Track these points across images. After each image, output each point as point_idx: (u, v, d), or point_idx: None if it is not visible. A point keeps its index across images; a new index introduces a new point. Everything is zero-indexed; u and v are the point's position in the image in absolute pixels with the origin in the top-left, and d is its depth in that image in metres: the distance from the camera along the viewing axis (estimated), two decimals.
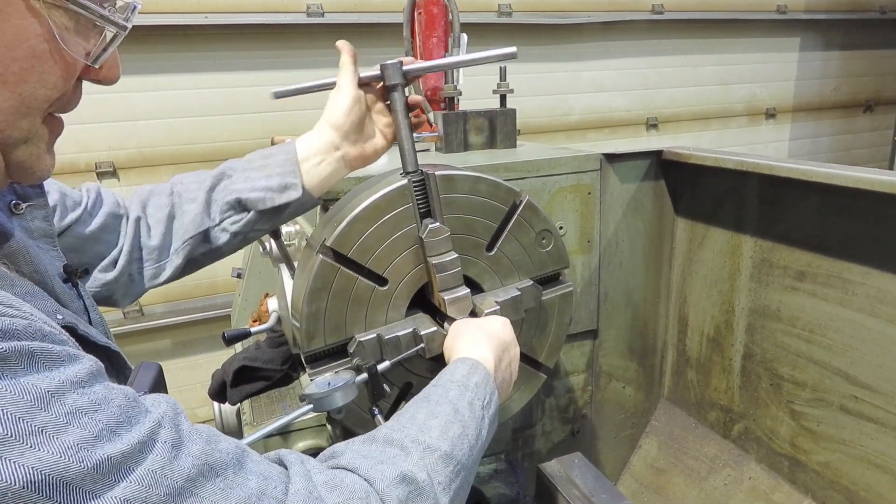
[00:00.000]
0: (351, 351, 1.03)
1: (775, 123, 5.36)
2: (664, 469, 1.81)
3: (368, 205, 1.02)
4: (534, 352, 1.23)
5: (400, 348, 1.03)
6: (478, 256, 1.13)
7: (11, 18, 0.57)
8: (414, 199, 1.04)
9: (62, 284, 0.77)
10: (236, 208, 1.05)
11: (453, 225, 1.06)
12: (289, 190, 1.03)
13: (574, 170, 1.55)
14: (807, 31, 5.21)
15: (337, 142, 1.06)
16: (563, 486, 1.30)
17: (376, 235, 1.03)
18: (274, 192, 1.03)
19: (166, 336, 3.65)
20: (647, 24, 4.54)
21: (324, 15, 3.54)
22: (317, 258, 1.00)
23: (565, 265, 1.23)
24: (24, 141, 0.63)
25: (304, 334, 1.02)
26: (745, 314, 1.60)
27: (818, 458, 1.45)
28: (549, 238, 1.18)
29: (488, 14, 3.97)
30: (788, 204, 1.45)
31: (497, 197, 1.12)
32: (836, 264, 1.35)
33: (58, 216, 0.95)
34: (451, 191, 1.07)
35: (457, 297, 1.04)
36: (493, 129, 1.73)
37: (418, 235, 1.04)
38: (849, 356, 1.35)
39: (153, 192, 1.08)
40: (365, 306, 1.05)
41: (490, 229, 1.13)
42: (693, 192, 1.70)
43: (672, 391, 1.88)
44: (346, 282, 1.02)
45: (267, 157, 1.06)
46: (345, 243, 1.01)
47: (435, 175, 1.05)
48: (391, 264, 1.05)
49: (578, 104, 4.49)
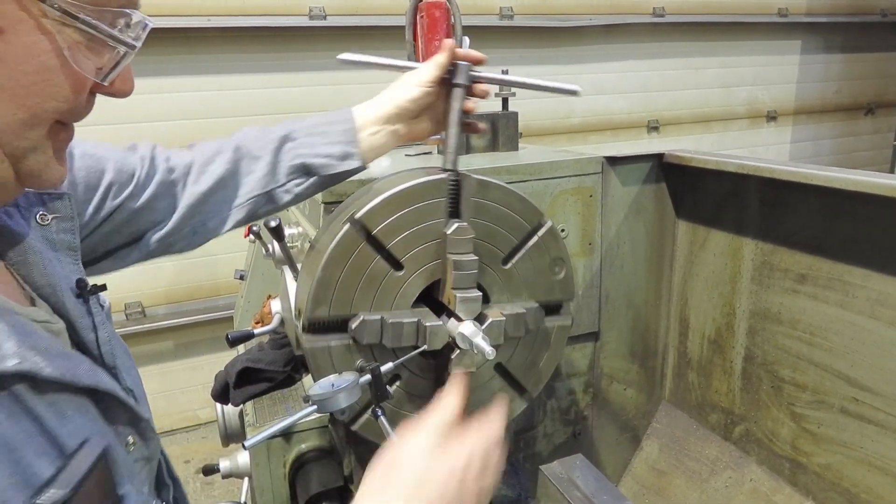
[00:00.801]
0: (353, 327, 1.03)
1: (776, 126, 5.37)
2: (665, 471, 1.81)
3: (405, 189, 1.04)
4: (521, 376, 1.23)
5: (401, 336, 1.04)
6: (492, 266, 1.14)
7: (21, 35, 0.58)
8: (448, 195, 1.06)
9: (74, 299, 0.77)
10: (301, 172, 1.07)
11: (477, 229, 1.07)
12: (349, 159, 1.07)
13: (576, 172, 1.55)
14: (808, 34, 5.22)
15: (395, 119, 1.09)
16: (565, 488, 1.30)
17: (404, 220, 1.04)
18: (335, 159, 1.07)
19: (168, 338, 3.66)
20: (648, 26, 4.55)
21: (326, 18, 3.56)
22: (343, 227, 1.02)
23: (571, 297, 1.24)
24: (33, 150, 0.64)
25: (312, 299, 1.02)
26: (746, 316, 1.60)
27: (819, 461, 1.45)
28: (561, 267, 1.20)
29: (490, 17, 3.98)
30: (789, 207, 1.45)
31: (523, 214, 1.14)
32: (836, 267, 1.36)
33: (112, 194, 0.95)
34: (483, 196, 1.09)
35: (468, 298, 1.05)
36: (495, 132, 1.73)
37: (443, 231, 1.05)
38: (849, 358, 1.35)
39: (220, 149, 1.07)
40: (376, 287, 1.05)
41: (510, 243, 1.14)
42: (694, 195, 1.71)
43: (673, 393, 1.89)
44: (364, 258, 1.03)
45: (328, 123, 1.09)
46: (373, 220, 1.03)
47: (472, 178, 1.07)
48: (410, 253, 1.06)
49: (580, 107, 4.51)
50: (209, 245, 1.12)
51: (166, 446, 0.92)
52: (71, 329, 0.76)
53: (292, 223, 1.68)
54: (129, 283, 3.45)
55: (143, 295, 3.57)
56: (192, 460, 3.50)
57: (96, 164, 0.94)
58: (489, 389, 1.20)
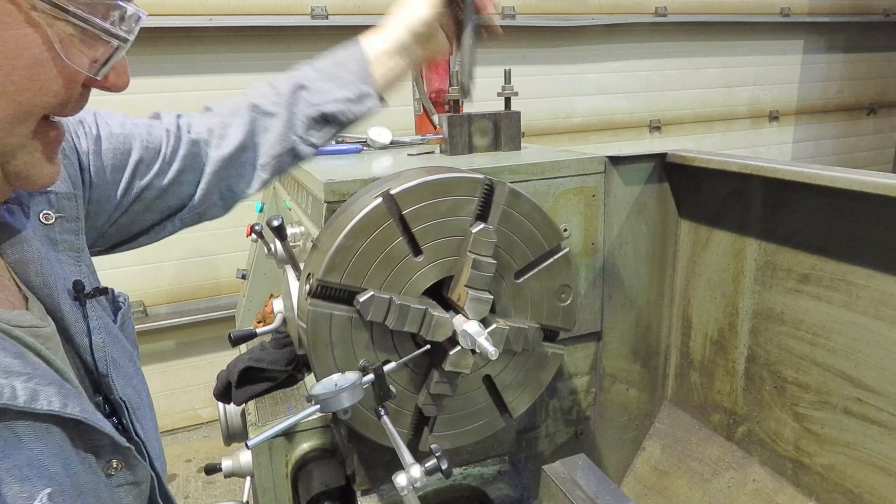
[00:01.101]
0: (361, 300, 1.03)
1: (778, 126, 5.36)
2: (667, 471, 1.81)
3: (441, 179, 1.06)
4: (506, 394, 1.23)
5: (405, 320, 1.04)
6: (505, 277, 1.15)
7: (10, 28, 0.57)
8: (480, 196, 1.08)
9: (70, 301, 0.75)
10: (320, 122, 1.06)
11: (499, 237, 1.09)
12: (365, 99, 1.05)
13: (578, 172, 1.55)
14: (810, 34, 5.21)
15: (409, 43, 1.06)
16: (568, 488, 1.30)
17: (434, 209, 1.06)
18: (353, 103, 1.05)
19: (170, 337, 3.66)
20: (650, 26, 4.54)
21: (328, 17, 3.56)
22: (375, 200, 1.03)
23: (570, 328, 1.25)
24: (21, 148, 0.63)
25: (327, 263, 1.02)
26: (749, 317, 1.60)
27: (822, 461, 1.45)
28: (568, 294, 1.21)
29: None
30: (792, 207, 1.45)
31: (545, 233, 1.16)
32: (840, 267, 1.35)
33: (140, 174, 0.93)
34: (512, 206, 1.11)
35: (479, 298, 1.06)
36: (497, 132, 1.73)
37: (468, 229, 1.07)
38: (853, 359, 1.35)
39: (236, 110, 1.04)
40: (391, 268, 1.06)
41: (526, 258, 1.16)
42: (697, 195, 1.70)
43: (675, 393, 1.88)
44: (388, 235, 1.05)
45: (338, 64, 1.06)
46: (406, 201, 1.04)
47: (506, 185, 1.09)
48: (432, 242, 1.08)
49: (581, 107, 4.50)
50: (211, 244, 1.13)
51: (167, 445, 0.90)
52: (65, 332, 0.74)
53: (294, 223, 1.67)
54: (131, 282, 3.45)
55: (145, 294, 3.57)
56: (193, 459, 3.50)
57: (123, 145, 0.91)
58: (472, 401, 1.20)
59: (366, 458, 1.34)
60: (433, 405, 1.15)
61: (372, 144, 1.85)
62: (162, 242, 1.06)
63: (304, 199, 1.60)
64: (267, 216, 2.22)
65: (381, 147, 1.85)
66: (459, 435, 1.22)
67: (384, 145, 1.85)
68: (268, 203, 2.43)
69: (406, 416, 1.17)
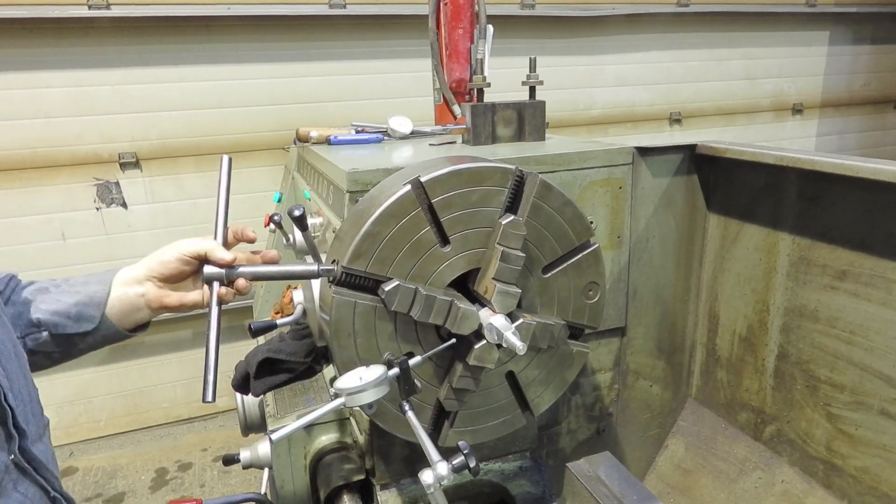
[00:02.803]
0: (386, 290, 1.00)
1: (802, 119, 5.25)
2: (691, 470, 1.77)
3: (472, 168, 1.04)
4: (528, 391, 1.20)
5: (431, 311, 1.02)
6: (532, 272, 1.12)
7: None
8: (511, 188, 1.06)
9: None
10: (36, 327, 0.99)
11: (528, 230, 1.07)
12: (83, 321, 0.99)
13: (605, 163, 1.51)
14: (837, 25, 5.09)
15: (142, 278, 1.04)
16: (593, 486, 1.27)
17: (464, 199, 1.04)
18: (69, 318, 0.99)
19: (188, 326, 3.66)
20: (671, 16, 4.45)
21: (346, 6, 3.52)
22: (405, 187, 1.01)
23: (596, 326, 1.22)
24: None
25: (353, 249, 1.00)
26: (781, 314, 1.55)
27: (856, 463, 1.40)
28: (595, 291, 1.18)
29: (511, 6, 3.91)
30: (830, 200, 1.40)
31: (575, 228, 1.13)
32: (880, 263, 1.30)
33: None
34: (543, 199, 1.09)
35: (507, 291, 1.03)
36: (521, 122, 1.69)
37: (498, 220, 1.04)
38: (891, 358, 1.30)
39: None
40: (418, 257, 1.04)
41: (555, 253, 1.13)
42: (727, 188, 1.65)
43: (700, 391, 1.84)
44: (416, 223, 1.03)
45: (85, 282, 1.03)
46: (435, 189, 1.02)
47: (538, 177, 1.07)
48: (461, 233, 1.06)
49: (601, 98, 4.43)
50: None
51: (184, 435, 0.88)
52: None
53: (314, 213, 1.65)
54: None
55: None
56: (209, 448, 3.51)
57: None
58: (493, 397, 1.18)
59: (385, 452, 1.31)
60: (455, 400, 1.12)
61: (392, 134, 1.82)
62: (178, 230, 1.03)
63: (325, 189, 1.58)
64: (286, 206, 2.20)
65: (402, 137, 1.82)
66: (479, 431, 1.19)
67: (404, 135, 1.82)
68: (286, 193, 2.41)
69: (426, 409, 1.15)
